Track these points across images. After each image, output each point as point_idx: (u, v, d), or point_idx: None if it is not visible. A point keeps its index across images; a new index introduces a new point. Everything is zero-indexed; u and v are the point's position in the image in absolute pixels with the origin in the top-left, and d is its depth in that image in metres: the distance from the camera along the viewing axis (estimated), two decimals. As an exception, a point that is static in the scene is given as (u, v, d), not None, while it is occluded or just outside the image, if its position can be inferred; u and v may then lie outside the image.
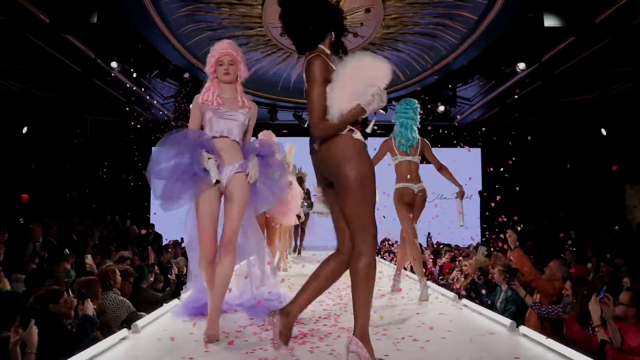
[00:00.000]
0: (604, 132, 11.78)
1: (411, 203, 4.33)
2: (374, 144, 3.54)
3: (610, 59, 8.00)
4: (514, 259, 4.61)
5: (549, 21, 6.60)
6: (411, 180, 4.30)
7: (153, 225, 11.69)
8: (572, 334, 3.68)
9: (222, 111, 2.89)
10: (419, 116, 4.44)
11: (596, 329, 3.16)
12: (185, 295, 3.58)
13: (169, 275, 6.53)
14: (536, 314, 4.21)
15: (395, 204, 4.33)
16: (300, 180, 7.36)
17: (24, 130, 11.72)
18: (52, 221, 8.60)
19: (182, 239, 11.42)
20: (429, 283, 4.37)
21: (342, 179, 2.20)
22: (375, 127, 2.45)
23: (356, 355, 2.15)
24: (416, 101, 4.52)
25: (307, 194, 7.56)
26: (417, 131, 4.37)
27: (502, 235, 10.26)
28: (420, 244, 4.96)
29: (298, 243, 8.69)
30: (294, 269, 6.48)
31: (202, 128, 2.95)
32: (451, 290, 5.02)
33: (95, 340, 2.91)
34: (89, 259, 6.06)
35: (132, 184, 11.57)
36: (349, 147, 2.22)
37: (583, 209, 12.56)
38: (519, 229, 10.42)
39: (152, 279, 5.97)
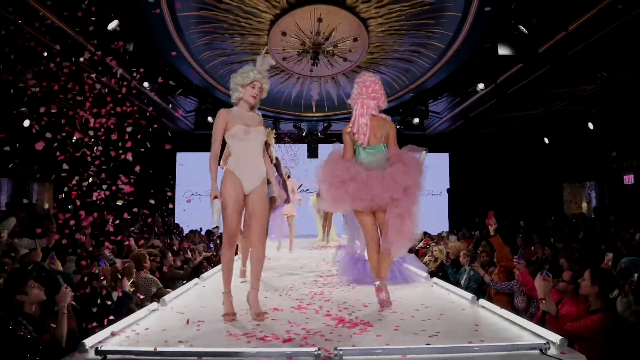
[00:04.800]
0: (546, 141, 11.88)
1: None
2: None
3: (550, 81, 8.08)
4: (494, 243, 4.36)
5: (503, 50, 6.66)
6: None
7: (173, 219, 11.67)
8: (524, 278, 3.68)
9: None
10: None
11: (541, 302, 3.13)
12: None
13: (185, 256, 6.48)
14: (492, 289, 4.23)
15: None
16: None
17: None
18: (96, 214, 8.52)
19: (200, 228, 11.43)
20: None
21: None
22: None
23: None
24: None
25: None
26: None
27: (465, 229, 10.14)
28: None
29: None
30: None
31: None
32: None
33: (131, 311, 2.89)
34: (131, 241, 6.07)
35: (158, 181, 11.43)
36: None
37: (530, 203, 12.67)
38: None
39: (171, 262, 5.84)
